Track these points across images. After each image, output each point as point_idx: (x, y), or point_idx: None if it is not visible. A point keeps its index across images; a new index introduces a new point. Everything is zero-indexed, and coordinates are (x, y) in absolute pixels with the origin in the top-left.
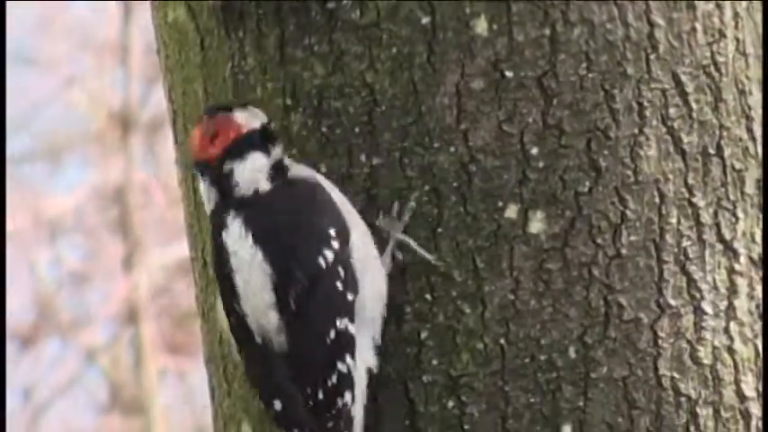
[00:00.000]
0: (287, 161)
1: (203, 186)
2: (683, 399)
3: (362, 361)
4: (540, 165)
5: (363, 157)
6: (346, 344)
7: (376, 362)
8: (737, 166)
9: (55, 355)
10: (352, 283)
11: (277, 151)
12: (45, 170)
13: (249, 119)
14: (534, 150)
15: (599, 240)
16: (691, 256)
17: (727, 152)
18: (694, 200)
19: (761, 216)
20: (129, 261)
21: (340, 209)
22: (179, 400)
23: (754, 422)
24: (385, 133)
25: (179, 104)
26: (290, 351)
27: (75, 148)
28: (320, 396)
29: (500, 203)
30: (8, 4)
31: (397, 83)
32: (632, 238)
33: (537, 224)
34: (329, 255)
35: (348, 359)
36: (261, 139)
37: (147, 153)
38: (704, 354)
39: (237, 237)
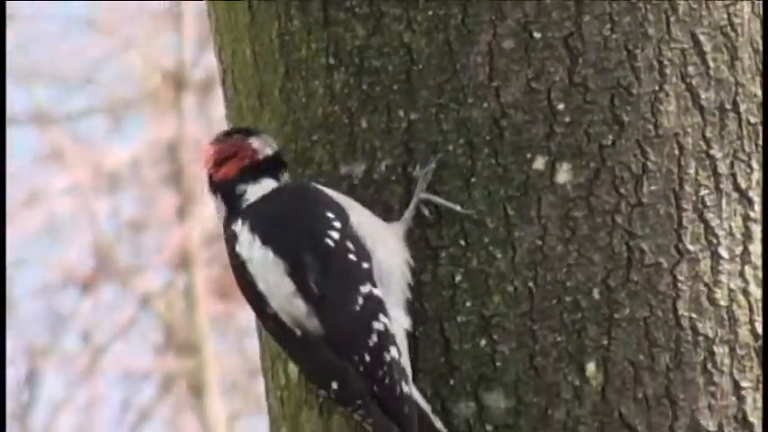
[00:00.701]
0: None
1: (215, 201)
2: (700, 338)
3: (396, 315)
4: (567, 119)
5: (402, 113)
6: (376, 305)
7: (409, 321)
8: (752, 120)
9: (113, 299)
10: (363, 253)
11: (285, 178)
12: (104, 126)
13: (264, 145)
14: (561, 106)
15: (622, 190)
16: (708, 204)
17: (742, 107)
18: (711, 152)
19: None
20: (182, 211)
21: (333, 197)
22: (229, 342)
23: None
24: (422, 90)
25: (228, 64)
26: (326, 330)
27: (132, 106)
28: (367, 358)
29: (529, 155)
30: None
31: (433, 43)
32: (653, 187)
33: (563, 175)
34: (334, 234)
35: (382, 317)
36: (273, 166)
37: (198, 111)
38: (721, 296)
39: (248, 243)
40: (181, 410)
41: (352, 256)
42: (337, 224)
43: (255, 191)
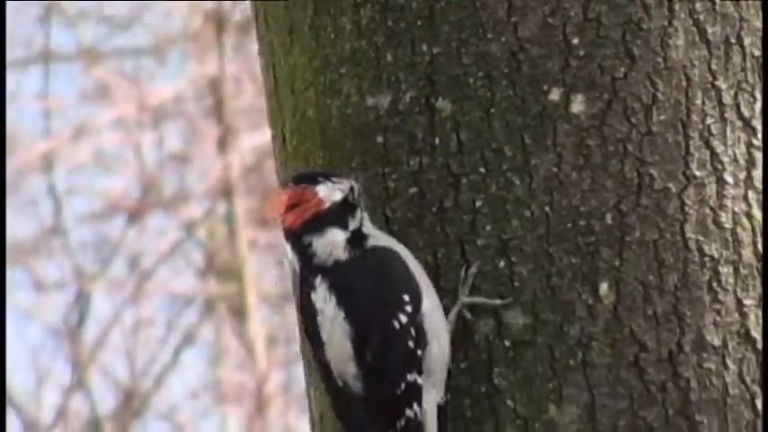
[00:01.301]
0: (366, 229)
1: (288, 248)
2: (706, 259)
3: (429, 405)
4: (581, 53)
5: (425, 47)
6: (415, 393)
7: (443, 396)
8: (756, 53)
9: (158, 227)
10: (422, 342)
11: (356, 221)
12: (149, 64)
13: (331, 192)
14: (575, 41)
15: (633, 119)
16: (714, 132)
17: (746, 41)
18: (717, 83)
19: None
20: (223, 144)
21: (415, 277)
22: (268, 268)
23: None
24: (444, 26)
25: (260, 3)
26: (366, 396)
27: (176, 45)
28: None
29: (545, 87)
30: None
31: None
32: (662, 117)
33: (578, 105)
34: (403, 318)
35: (415, 406)
36: (340, 214)
37: (237, 49)
38: (725, 219)
39: (323, 298)
40: (222, 332)
41: (411, 343)
42: (408, 308)
43: (322, 242)
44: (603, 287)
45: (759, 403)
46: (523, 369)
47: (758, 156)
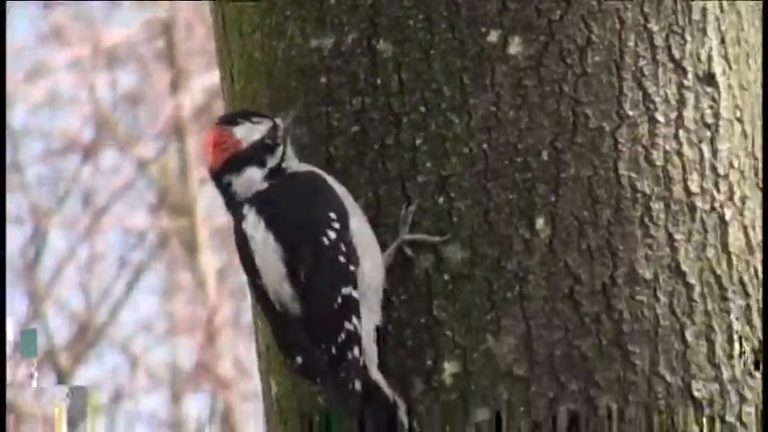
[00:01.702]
0: (288, 163)
1: (214, 186)
2: (638, 195)
3: (368, 320)
4: None
5: None
6: (351, 307)
7: (381, 318)
8: None
9: (112, 164)
10: (353, 257)
11: (275, 159)
12: (104, 6)
13: (249, 132)
14: None
15: (568, 60)
16: (646, 73)
17: None
18: (649, 25)
19: (707, 41)
20: (175, 85)
21: (340, 197)
22: (217, 203)
23: (698, 214)
24: None
25: None
26: (304, 315)
27: None
28: (333, 351)
29: (483, 29)
30: None
31: None
32: (596, 58)
33: (515, 47)
34: (331, 234)
35: (354, 319)
36: (258, 153)
37: None
38: (657, 156)
39: (253, 224)
40: (174, 266)
41: (342, 258)
42: (336, 225)
43: (240, 181)
44: (540, 222)
45: (689, 334)
46: (462, 301)
47: (688, 96)
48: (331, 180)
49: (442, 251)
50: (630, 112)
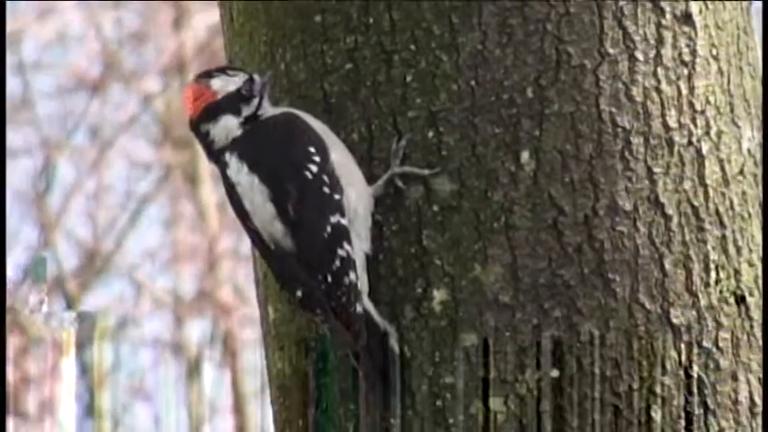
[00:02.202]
0: (263, 110)
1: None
2: (619, 129)
3: (358, 246)
4: None
5: None
6: (341, 234)
7: (369, 245)
8: None
9: (118, 100)
10: (337, 186)
11: (250, 108)
12: None
13: (225, 84)
14: None
15: (552, 0)
16: (626, 13)
17: None
18: None
19: None
20: (178, 23)
21: (318, 132)
22: None
23: (676, 148)
24: None
25: None
26: (298, 250)
27: None
28: (329, 279)
29: None
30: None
31: None
32: None
33: None
34: (313, 167)
35: (345, 245)
36: (233, 103)
37: None
38: (636, 92)
39: (236, 170)
40: (177, 197)
41: (326, 189)
42: (317, 158)
43: (216, 129)
44: (524, 155)
45: (667, 263)
46: (451, 232)
47: (666, 35)
48: (308, 117)
49: (432, 183)
50: (611, 51)
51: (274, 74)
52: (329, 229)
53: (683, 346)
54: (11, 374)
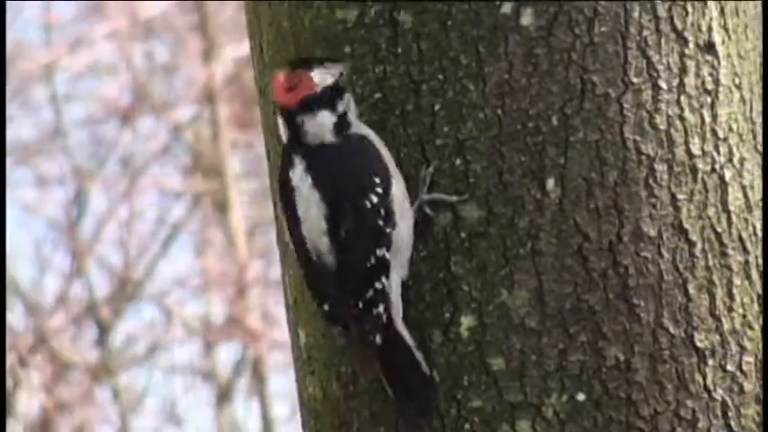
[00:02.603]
0: (351, 115)
1: (280, 121)
2: (643, 157)
3: (395, 279)
4: None
5: None
6: (383, 267)
7: (407, 273)
8: None
9: (149, 130)
10: (390, 220)
11: (344, 104)
12: None
13: (324, 77)
14: None
15: (576, 31)
16: (650, 42)
17: None
18: None
19: (707, 12)
20: (207, 55)
21: (386, 164)
22: (248, 166)
23: (699, 175)
24: None
25: None
26: (338, 269)
27: None
28: (360, 305)
29: (498, 2)
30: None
31: None
32: (603, 29)
33: (527, 18)
34: (374, 198)
35: (383, 279)
36: (330, 97)
37: None
38: (660, 121)
39: (300, 177)
40: (207, 224)
41: (380, 221)
42: (379, 190)
43: (313, 122)
44: (550, 183)
45: (691, 288)
46: (478, 257)
47: (689, 64)
48: (380, 144)
49: (459, 210)
50: (635, 80)
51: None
52: (373, 260)
53: (707, 369)
54: (44, 400)
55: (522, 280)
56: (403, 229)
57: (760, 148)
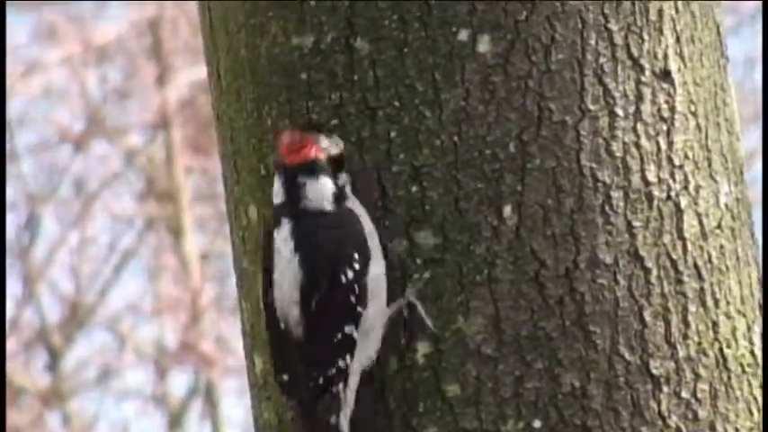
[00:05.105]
0: (347, 190)
1: (277, 182)
2: (599, 184)
3: (359, 361)
4: None
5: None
6: (348, 346)
7: (370, 363)
8: None
9: (102, 154)
10: (363, 299)
11: (342, 179)
12: (92, 6)
13: (331, 146)
14: None
15: (534, 58)
16: (606, 70)
17: None
18: (609, 25)
19: (663, 40)
20: (162, 79)
21: (369, 241)
22: (202, 191)
23: (655, 203)
24: None
25: None
26: (304, 341)
27: None
28: (320, 381)
29: (454, 29)
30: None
31: None
32: (560, 56)
33: (484, 45)
34: (350, 273)
35: (348, 358)
36: (334, 167)
37: None
38: (616, 148)
39: (284, 239)
40: (160, 250)
41: (353, 298)
42: (356, 266)
43: (314, 187)
44: (507, 210)
45: (647, 315)
46: (434, 285)
47: (645, 91)
48: (366, 218)
49: (415, 236)
50: (592, 107)
51: (261, 130)
52: (340, 336)
53: (662, 396)
54: None
55: (479, 307)
56: (372, 311)
57: (715, 175)
